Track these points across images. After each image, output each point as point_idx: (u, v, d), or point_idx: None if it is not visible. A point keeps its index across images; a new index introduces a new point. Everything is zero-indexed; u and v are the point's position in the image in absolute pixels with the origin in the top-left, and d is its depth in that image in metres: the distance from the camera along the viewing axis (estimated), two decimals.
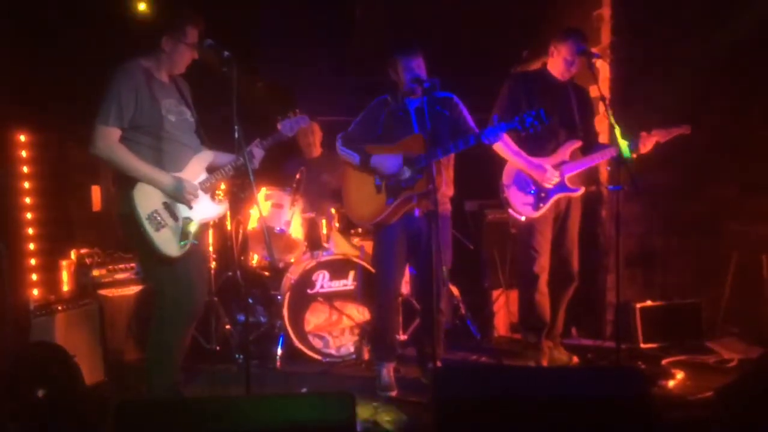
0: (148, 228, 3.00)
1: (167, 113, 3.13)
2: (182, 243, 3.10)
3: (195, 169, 3.22)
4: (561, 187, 3.76)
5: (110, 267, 4.02)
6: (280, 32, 5.47)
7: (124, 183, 3.04)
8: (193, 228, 3.16)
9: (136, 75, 3.06)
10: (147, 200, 3.03)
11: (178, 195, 3.11)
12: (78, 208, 4.41)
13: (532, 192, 3.78)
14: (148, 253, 3.06)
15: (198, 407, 2.14)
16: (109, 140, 2.99)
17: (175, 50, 3.14)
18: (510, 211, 3.86)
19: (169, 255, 3.05)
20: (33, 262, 4.00)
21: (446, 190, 3.65)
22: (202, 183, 3.22)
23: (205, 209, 3.23)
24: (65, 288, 3.99)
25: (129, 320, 4.05)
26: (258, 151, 3.31)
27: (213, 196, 3.31)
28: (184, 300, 3.14)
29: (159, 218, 3.04)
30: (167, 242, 3.05)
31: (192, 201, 3.15)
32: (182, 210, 3.15)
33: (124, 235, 3.22)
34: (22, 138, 4.03)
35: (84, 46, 4.12)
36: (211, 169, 3.27)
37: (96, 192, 4.51)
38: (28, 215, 4.03)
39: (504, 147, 3.76)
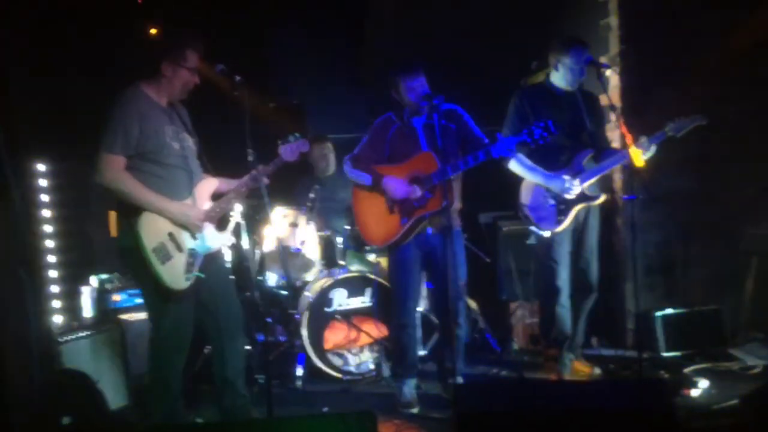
0: (154, 261, 2.94)
1: (171, 140, 3.09)
2: (187, 276, 3.03)
3: (200, 197, 3.16)
4: (581, 197, 3.73)
5: (131, 291, 4.04)
6: (290, 52, 5.53)
7: (127, 213, 2.98)
8: (198, 260, 3.09)
9: (138, 101, 3.02)
10: (152, 232, 2.97)
11: (186, 223, 3.05)
12: (97, 235, 4.46)
13: (552, 207, 3.76)
14: (150, 286, 3.01)
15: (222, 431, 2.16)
16: (116, 168, 2.94)
17: (176, 75, 3.08)
18: (532, 228, 3.84)
19: (174, 288, 2.98)
20: (55, 289, 4.05)
21: (456, 204, 3.65)
22: (207, 212, 3.15)
23: (209, 239, 3.15)
24: (87, 314, 4.03)
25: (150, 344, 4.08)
26: (263, 180, 3.16)
27: (217, 225, 3.21)
28: (177, 335, 3.10)
29: (165, 251, 2.98)
30: (173, 276, 2.99)
31: (200, 229, 3.09)
32: (188, 241, 3.08)
33: (126, 267, 3.19)
34: (41, 167, 4.10)
35: (100, 73, 4.19)
36: (215, 197, 3.22)
37: (114, 218, 4.56)
38: (49, 243, 4.09)
39: (519, 164, 3.75)
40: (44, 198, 4.10)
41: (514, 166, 3.77)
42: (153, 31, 4.31)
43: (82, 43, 4.20)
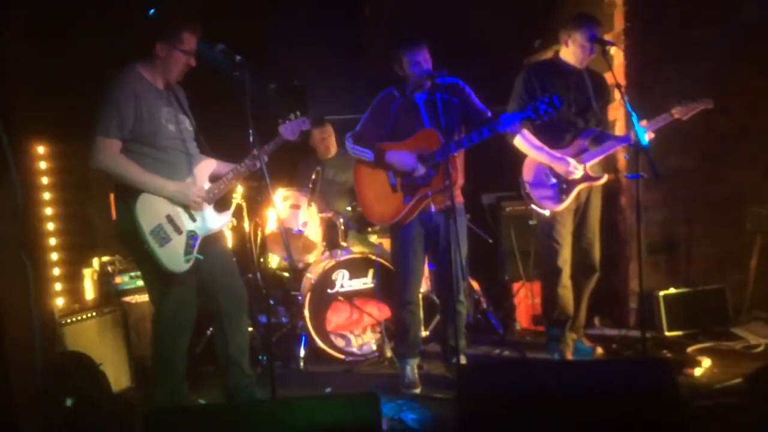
0: (153, 243, 2.92)
1: (167, 122, 3.06)
2: (187, 257, 3.03)
3: (198, 178, 3.15)
4: (584, 177, 3.70)
5: (133, 274, 4.04)
6: (290, 32, 5.48)
7: (125, 197, 2.96)
8: (197, 242, 3.08)
9: (133, 83, 2.98)
10: (150, 214, 2.95)
11: (184, 200, 3.04)
12: (98, 217, 4.44)
13: (554, 185, 3.73)
14: (150, 268, 3.00)
15: (226, 413, 2.16)
16: (111, 152, 2.91)
17: (170, 57, 3.03)
18: (533, 206, 3.81)
19: (173, 271, 2.97)
20: (56, 272, 4.04)
21: (459, 180, 3.62)
22: (206, 191, 3.15)
23: (209, 221, 3.15)
24: (89, 296, 4.03)
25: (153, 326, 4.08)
26: (262, 160, 3.12)
27: (217, 207, 3.21)
28: (179, 317, 3.10)
29: (163, 233, 2.96)
30: (172, 258, 2.98)
31: (200, 206, 3.08)
32: (187, 223, 3.08)
33: (126, 250, 3.19)
34: (41, 150, 4.07)
35: (100, 56, 4.14)
36: (213, 179, 3.21)
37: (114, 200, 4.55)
38: (50, 226, 4.07)
39: (524, 141, 3.72)
40: (44, 180, 4.08)
41: (519, 143, 3.73)
42: (153, 12, 4.25)
43: (83, 25, 4.15)
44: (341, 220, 4.52)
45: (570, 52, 3.73)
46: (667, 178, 4.17)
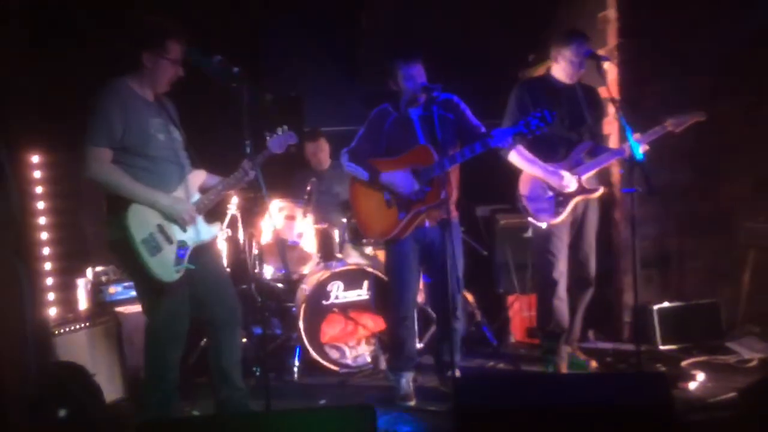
0: (144, 252, 2.91)
1: (156, 132, 3.06)
2: (177, 267, 3.01)
3: (187, 189, 3.14)
4: (580, 190, 3.72)
5: (126, 284, 4.02)
6: (286, 44, 5.51)
7: (115, 207, 2.95)
8: (188, 252, 3.07)
9: (122, 94, 2.99)
10: (141, 223, 2.94)
11: (176, 215, 3.03)
12: (92, 226, 4.43)
13: (551, 198, 3.75)
14: (142, 279, 2.99)
15: (219, 425, 2.15)
16: (102, 161, 2.91)
17: (157, 66, 3.03)
18: (529, 219, 3.83)
19: (164, 280, 2.96)
20: (50, 281, 4.03)
21: (453, 194, 3.62)
22: (195, 203, 3.14)
23: (199, 231, 3.14)
24: (83, 306, 4.01)
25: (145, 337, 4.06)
26: (251, 173, 3.16)
27: (208, 217, 3.20)
28: (171, 327, 3.08)
29: (154, 242, 2.95)
30: (163, 267, 2.96)
31: (190, 222, 3.07)
32: (177, 233, 3.06)
33: (117, 260, 3.17)
34: (35, 159, 4.07)
35: (95, 65, 4.15)
36: (203, 190, 3.21)
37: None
38: (43, 235, 4.06)
39: (519, 156, 3.73)
40: (38, 189, 4.07)
41: (513, 158, 3.75)
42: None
43: (76, 35, 4.16)
44: (337, 232, 4.52)
45: (560, 68, 3.76)
46: (660, 192, 4.21)
